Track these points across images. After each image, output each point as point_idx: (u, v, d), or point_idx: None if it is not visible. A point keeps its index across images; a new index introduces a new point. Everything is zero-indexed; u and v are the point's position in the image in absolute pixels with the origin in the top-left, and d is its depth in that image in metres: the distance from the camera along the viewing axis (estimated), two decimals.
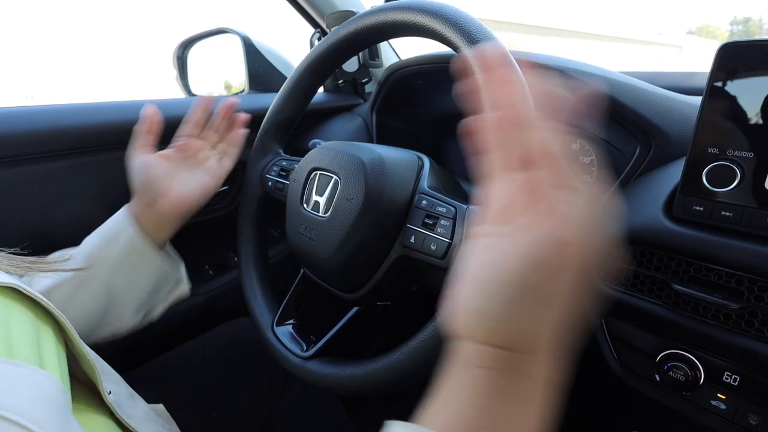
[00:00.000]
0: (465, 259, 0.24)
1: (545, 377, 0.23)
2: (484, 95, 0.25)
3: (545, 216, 0.22)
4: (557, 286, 0.22)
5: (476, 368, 0.22)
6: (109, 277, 0.49)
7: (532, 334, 0.22)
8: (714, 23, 67.95)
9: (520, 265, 0.22)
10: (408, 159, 0.40)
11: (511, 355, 0.22)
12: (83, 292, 0.48)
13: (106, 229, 0.51)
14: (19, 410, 0.21)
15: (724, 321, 0.36)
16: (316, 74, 0.49)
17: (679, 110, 0.48)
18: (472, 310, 0.23)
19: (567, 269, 0.22)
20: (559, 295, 0.22)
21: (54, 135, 0.57)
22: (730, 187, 0.35)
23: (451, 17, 0.34)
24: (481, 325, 0.22)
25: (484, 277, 0.23)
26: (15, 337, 0.25)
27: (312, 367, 0.39)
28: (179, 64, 0.94)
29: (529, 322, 0.22)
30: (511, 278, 0.22)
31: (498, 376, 0.22)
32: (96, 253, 0.49)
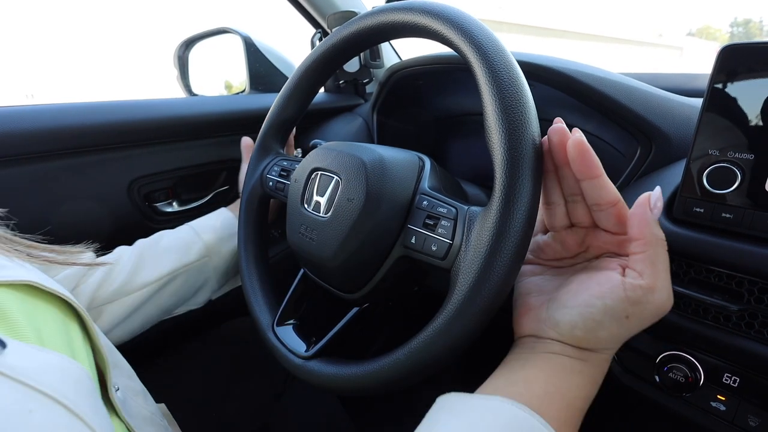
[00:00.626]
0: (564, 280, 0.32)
1: (603, 369, 0.30)
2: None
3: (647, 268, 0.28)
4: (636, 317, 0.28)
5: (556, 355, 0.29)
6: (215, 265, 0.58)
7: (606, 343, 0.29)
8: (714, 25, 68.01)
9: (619, 302, 0.28)
10: (409, 159, 0.40)
11: (590, 353, 0.29)
12: (198, 276, 0.56)
13: (221, 225, 0.59)
14: (52, 387, 0.21)
15: (724, 322, 0.37)
16: (318, 74, 0.49)
17: (679, 112, 0.48)
18: (565, 321, 0.29)
19: (647, 307, 0.28)
20: (634, 323, 0.28)
21: (54, 134, 0.58)
22: (731, 188, 0.35)
23: (452, 18, 0.34)
24: (573, 334, 0.29)
25: (585, 301, 0.29)
26: (45, 330, 0.26)
27: (312, 367, 0.39)
28: (180, 63, 0.94)
29: (607, 337, 0.29)
30: (608, 306, 0.28)
31: (573, 362, 0.29)
32: (214, 247, 0.58)
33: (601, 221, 0.31)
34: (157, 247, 0.55)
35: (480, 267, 0.29)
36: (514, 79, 0.31)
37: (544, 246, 0.35)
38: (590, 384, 0.29)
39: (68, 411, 0.21)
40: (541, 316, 0.31)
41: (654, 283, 0.27)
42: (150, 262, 0.53)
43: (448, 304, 0.31)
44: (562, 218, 0.33)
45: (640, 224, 0.28)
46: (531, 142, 0.30)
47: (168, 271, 0.53)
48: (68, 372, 0.24)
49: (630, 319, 0.28)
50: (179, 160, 0.72)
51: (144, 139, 0.66)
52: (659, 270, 0.28)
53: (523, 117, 0.30)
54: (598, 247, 0.32)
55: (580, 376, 0.29)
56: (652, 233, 0.28)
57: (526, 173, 0.29)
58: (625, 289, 0.27)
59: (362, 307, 0.42)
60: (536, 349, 0.30)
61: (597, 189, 0.30)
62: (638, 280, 0.27)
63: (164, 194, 0.72)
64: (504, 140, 0.30)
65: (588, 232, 0.32)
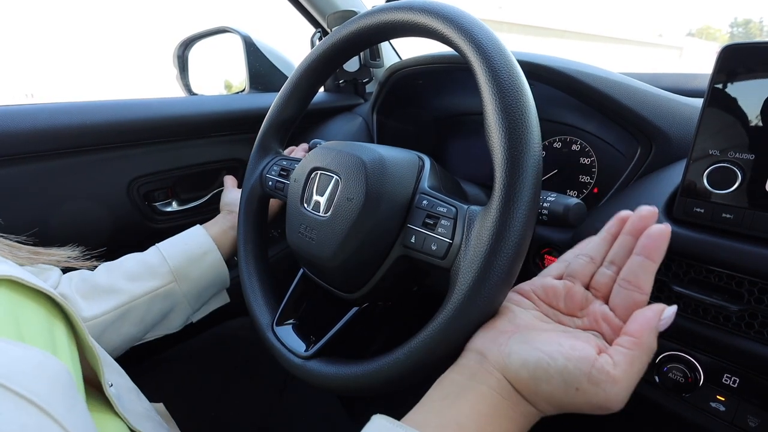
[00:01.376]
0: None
1: (530, 422, 0.29)
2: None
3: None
4: (583, 396, 0.27)
5: (492, 392, 0.28)
6: (186, 290, 0.54)
7: (542, 398, 0.28)
8: (714, 25, 68.04)
9: (580, 373, 0.27)
10: (409, 159, 0.40)
11: (522, 400, 0.29)
12: (164, 302, 0.53)
13: (189, 248, 0.56)
14: (22, 383, 0.21)
15: (724, 323, 0.36)
16: (317, 74, 0.49)
17: (680, 112, 0.48)
18: (519, 356, 0.28)
19: (599, 394, 0.27)
20: (578, 399, 0.27)
21: (53, 134, 0.57)
22: (731, 188, 0.35)
23: (452, 17, 0.34)
24: (518, 372, 0.28)
25: (550, 352, 0.28)
26: (26, 326, 0.25)
27: (312, 367, 0.39)
28: (180, 63, 0.94)
29: (546, 394, 0.28)
30: (567, 370, 0.27)
31: (507, 405, 0.28)
32: (183, 269, 0.54)
33: (617, 298, 0.31)
34: (116, 273, 0.51)
35: (480, 266, 0.29)
36: (514, 79, 0.31)
37: (550, 289, 0.34)
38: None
39: (39, 410, 0.21)
40: (499, 340, 0.30)
41: (621, 379, 0.27)
42: (104, 291, 0.50)
43: (447, 303, 0.31)
44: (587, 275, 0.33)
45: (642, 327, 0.28)
46: (531, 142, 0.30)
47: (123, 301, 0.50)
48: (44, 368, 0.23)
49: (578, 393, 0.27)
50: (179, 160, 0.71)
51: (143, 139, 0.66)
52: (633, 372, 0.27)
53: (524, 116, 0.30)
54: (594, 320, 0.31)
55: (510, 424, 0.28)
56: (648, 339, 0.28)
57: (526, 172, 0.29)
58: (593, 366, 0.27)
59: (362, 307, 0.42)
60: (475, 378, 0.29)
61: (643, 271, 0.30)
62: (608, 368, 0.27)
63: (164, 194, 0.72)
64: (504, 139, 0.30)
65: (595, 302, 0.32)
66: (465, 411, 0.28)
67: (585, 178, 0.59)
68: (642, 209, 0.31)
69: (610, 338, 0.30)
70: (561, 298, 0.33)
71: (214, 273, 0.57)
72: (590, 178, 0.58)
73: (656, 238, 0.30)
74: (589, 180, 0.58)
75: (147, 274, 0.52)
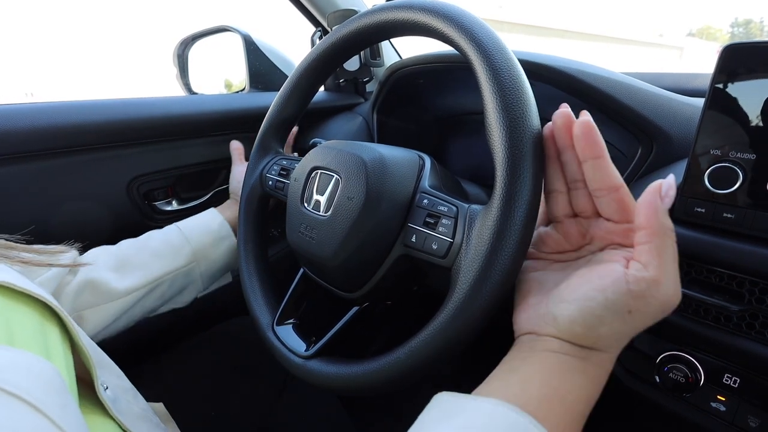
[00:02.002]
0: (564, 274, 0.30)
1: (606, 369, 0.28)
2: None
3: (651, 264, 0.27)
4: (640, 313, 0.26)
5: (555, 353, 0.28)
6: (203, 270, 0.58)
7: (608, 341, 0.28)
8: (715, 25, 67.99)
9: (622, 295, 0.26)
10: (409, 158, 0.40)
11: (591, 351, 0.28)
12: (184, 279, 0.56)
13: (209, 231, 0.59)
14: (18, 385, 0.21)
15: (725, 323, 0.36)
16: (317, 73, 0.49)
17: (681, 111, 0.48)
18: (564, 316, 0.28)
19: (651, 302, 0.26)
20: (638, 319, 0.27)
21: (53, 132, 0.57)
22: (732, 188, 0.35)
23: (453, 16, 0.34)
24: (572, 330, 0.27)
25: (585, 295, 0.27)
26: (18, 330, 0.25)
27: (312, 367, 0.39)
28: (180, 62, 0.94)
29: (609, 333, 0.27)
30: (609, 300, 0.26)
31: (573, 360, 0.27)
32: (203, 251, 0.57)
33: (603, 209, 0.30)
34: (145, 251, 0.54)
35: (481, 265, 0.29)
36: (515, 77, 0.31)
37: (546, 238, 0.33)
38: (592, 385, 0.28)
39: (33, 409, 0.20)
40: (540, 312, 0.29)
41: (659, 275, 0.25)
42: (137, 267, 0.53)
43: (448, 302, 0.31)
44: (565, 207, 0.32)
45: (648, 212, 0.26)
46: (532, 140, 0.30)
47: (155, 277, 0.53)
48: (36, 370, 0.23)
49: (633, 315, 0.26)
50: (179, 159, 0.71)
51: (143, 138, 0.66)
52: (666, 262, 0.26)
53: (524, 114, 0.30)
54: (601, 238, 0.30)
55: (581, 376, 0.27)
56: (660, 223, 0.26)
57: (527, 171, 0.29)
58: (628, 281, 0.26)
59: (362, 307, 0.42)
60: (535, 348, 0.28)
61: (599, 171, 0.29)
62: (642, 272, 0.25)
63: (164, 193, 0.72)
64: (505, 138, 0.29)
65: (591, 222, 0.31)
66: (529, 371, 0.27)
67: None
68: (554, 117, 0.30)
69: (629, 243, 0.29)
70: (561, 240, 0.33)
71: (229, 257, 0.60)
72: None
73: (585, 136, 0.28)
74: None
75: (171, 253, 0.55)
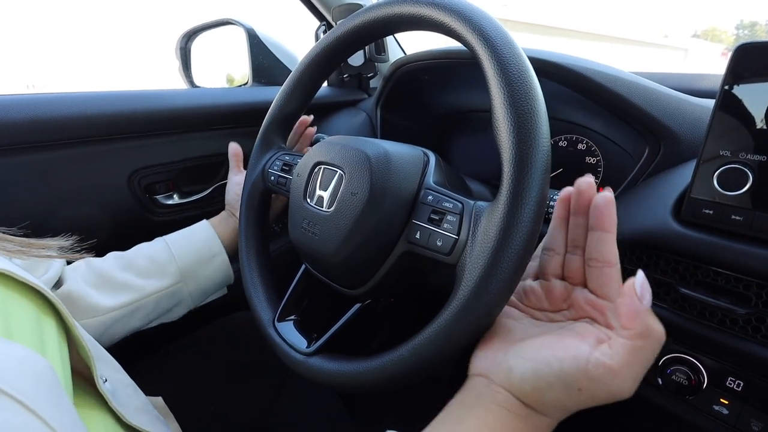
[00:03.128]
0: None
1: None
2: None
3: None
4: (588, 394, 0.26)
5: (499, 408, 0.28)
6: (192, 289, 0.55)
7: (550, 407, 0.28)
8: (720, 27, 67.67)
9: (577, 371, 0.26)
10: (414, 154, 0.39)
11: (532, 412, 0.28)
12: (170, 299, 0.54)
13: (199, 248, 0.56)
14: (10, 383, 0.20)
15: (731, 326, 0.36)
16: (321, 68, 0.49)
17: (690, 112, 0.47)
18: (518, 371, 0.28)
19: (602, 387, 0.26)
20: (584, 398, 0.27)
21: (54, 124, 0.57)
22: (742, 190, 0.34)
23: (460, 10, 0.33)
24: (521, 387, 0.28)
25: (543, 359, 0.27)
26: (15, 321, 0.25)
27: (314, 364, 0.38)
28: (182, 55, 0.93)
29: (552, 401, 0.28)
30: (564, 372, 0.27)
31: (515, 420, 0.28)
32: (191, 270, 0.54)
33: (592, 279, 0.30)
34: (130, 269, 0.52)
35: (487, 262, 0.29)
36: (523, 73, 0.30)
37: (530, 292, 0.34)
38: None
39: (24, 408, 0.20)
40: (498, 359, 0.30)
41: (622, 369, 0.25)
42: (119, 285, 0.50)
43: (453, 299, 0.30)
44: (557, 267, 0.33)
45: (629, 315, 0.26)
46: (540, 137, 0.29)
47: (137, 297, 0.51)
48: (30, 366, 0.23)
49: (582, 393, 0.26)
50: (180, 152, 0.71)
51: (145, 131, 0.66)
52: (635, 361, 0.26)
53: (533, 111, 0.29)
54: (580, 307, 0.31)
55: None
56: (644, 325, 0.26)
57: (534, 168, 0.29)
58: (588, 361, 0.26)
59: (364, 304, 0.41)
60: (482, 397, 0.29)
61: (603, 244, 0.29)
62: (606, 359, 0.25)
63: (165, 186, 0.72)
64: (513, 135, 0.29)
65: (576, 290, 0.32)
66: (473, 425, 0.28)
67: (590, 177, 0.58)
68: (579, 183, 0.31)
69: (604, 322, 0.29)
70: (542, 297, 0.33)
71: (221, 275, 0.57)
72: (596, 178, 0.58)
73: (603, 208, 0.29)
74: (595, 180, 0.58)
75: (156, 271, 0.52)
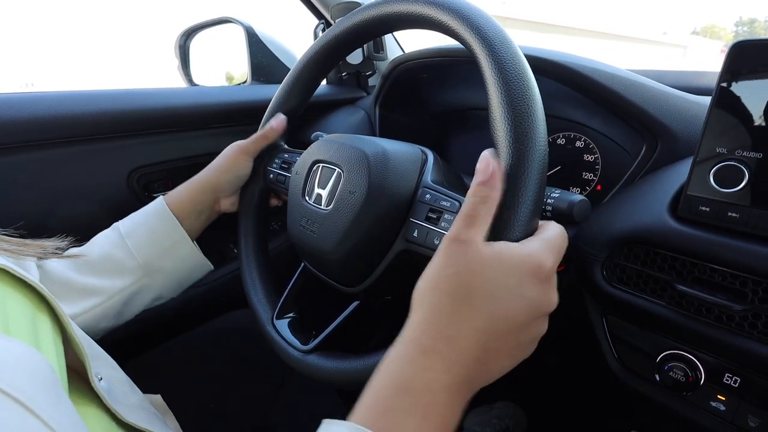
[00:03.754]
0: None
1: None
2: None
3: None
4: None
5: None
6: (162, 283, 0.49)
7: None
8: (719, 24, 67.58)
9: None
10: (412, 153, 0.39)
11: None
12: (140, 297, 0.48)
13: (157, 237, 0.49)
14: (8, 381, 0.20)
15: (727, 322, 0.36)
16: (320, 66, 0.49)
17: (686, 109, 0.47)
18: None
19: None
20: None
21: (53, 122, 0.57)
22: (738, 187, 0.34)
23: (458, 9, 0.34)
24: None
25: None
26: (11, 317, 0.25)
27: (312, 361, 0.39)
28: (181, 53, 0.93)
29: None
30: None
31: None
32: (153, 263, 0.48)
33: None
34: (86, 271, 0.46)
35: None
36: (520, 71, 0.30)
37: None
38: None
39: (21, 406, 0.20)
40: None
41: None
42: (77, 291, 0.45)
43: None
44: None
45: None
46: (537, 135, 0.29)
47: (99, 302, 0.45)
48: (28, 363, 0.23)
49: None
50: (179, 151, 0.71)
51: (144, 129, 0.66)
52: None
53: (530, 110, 0.30)
54: None
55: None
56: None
57: (531, 166, 0.29)
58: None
59: (362, 301, 0.42)
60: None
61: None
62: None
63: (164, 185, 0.72)
64: (509, 132, 0.29)
65: None
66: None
67: (588, 175, 0.58)
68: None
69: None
70: None
71: (190, 264, 0.51)
72: (593, 175, 0.58)
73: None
74: (593, 177, 0.58)
75: (116, 270, 0.47)
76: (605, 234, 0.42)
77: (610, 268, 0.42)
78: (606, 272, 0.42)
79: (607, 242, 0.41)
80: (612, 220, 0.42)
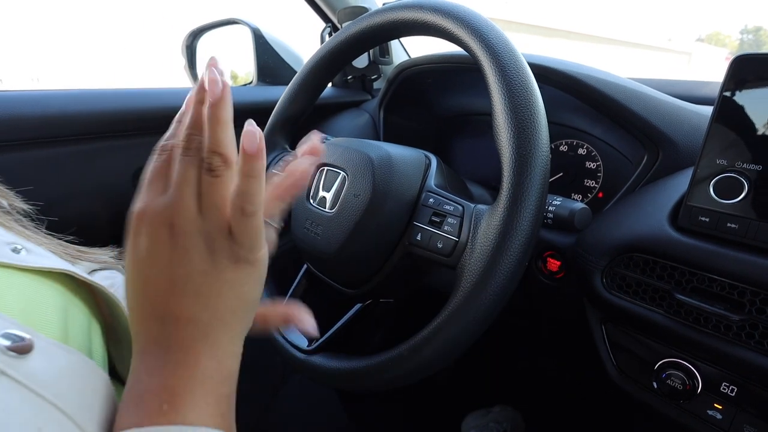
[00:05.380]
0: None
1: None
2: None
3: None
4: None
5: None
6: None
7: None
8: (724, 31, 67.51)
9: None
10: (416, 157, 0.40)
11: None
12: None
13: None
14: (69, 400, 0.20)
15: (725, 332, 0.37)
16: (326, 70, 0.49)
17: (688, 119, 0.48)
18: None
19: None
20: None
21: (61, 120, 0.58)
22: (737, 199, 0.35)
23: (463, 17, 0.34)
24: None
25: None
26: (72, 327, 0.25)
27: (315, 362, 0.39)
28: (188, 53, 0.94)
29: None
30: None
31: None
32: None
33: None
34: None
35: (486, 264, 0.30)
36: (523, 79, 0.31)
37: None
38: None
39: (73, 424, 0.20)
40: None
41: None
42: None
43: (453, 300, 0.31)
44: None
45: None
46: (540, 142, 0.30)
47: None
48: (88, 380, 0.23)
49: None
50: None
51: (151, 128, 0.66)
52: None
53: (533, 117, 0.30)
54: None
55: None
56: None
57: (534, 172, 0.29)
58: None
59: (365, 304, 0.42)
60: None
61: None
62: None
63: None
64: (513, 139, 0.30)
65: None
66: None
67: (590, 182, 0.59)
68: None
69: None
70: None
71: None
72: (595, 183, 0.58)
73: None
74: (594, 184, 0.59)
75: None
76: (606, 242, 0.42)
77: (610, 276, 0.42)
78: (606, 280, 0.42)
79: (608, 250, 0.42)
80: (613, 229, 0.43)
